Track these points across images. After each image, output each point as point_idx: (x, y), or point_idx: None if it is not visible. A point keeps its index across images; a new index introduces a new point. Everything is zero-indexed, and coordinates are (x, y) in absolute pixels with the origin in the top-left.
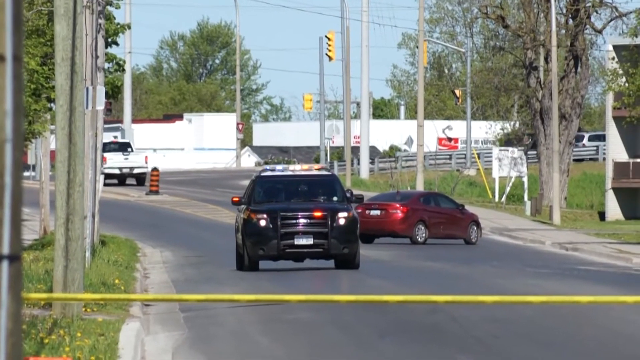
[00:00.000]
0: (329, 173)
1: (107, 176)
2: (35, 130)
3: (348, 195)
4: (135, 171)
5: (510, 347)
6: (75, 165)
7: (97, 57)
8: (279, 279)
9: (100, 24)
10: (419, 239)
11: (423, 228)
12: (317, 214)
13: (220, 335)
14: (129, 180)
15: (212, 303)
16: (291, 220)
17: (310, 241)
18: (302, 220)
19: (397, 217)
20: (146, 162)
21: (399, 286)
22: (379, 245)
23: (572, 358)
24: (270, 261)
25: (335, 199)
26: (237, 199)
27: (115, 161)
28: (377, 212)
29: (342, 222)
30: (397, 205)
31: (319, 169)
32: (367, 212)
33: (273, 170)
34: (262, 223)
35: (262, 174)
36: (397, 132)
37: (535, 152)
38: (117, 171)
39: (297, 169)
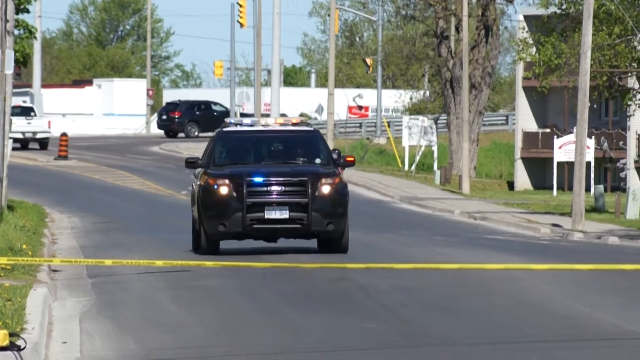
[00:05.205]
0: (311, 128)
1: None
2: None
3: (335, 156)
4: (39, 136)
5: (419, 315)
6: None
7: (6, 21)
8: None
9: None
10: None
11: None
12: (295, 179)
13: (128, 301)
14: (32, 145)
15: (120, 269)
16: (261, 187)
17: (285, 215)
18: (275, 188)
19: None
20: (49, 127)
21: (310, 255)
22: None
23: (480, 326)
24: (235, 240)
25: (318, 160)
26: (192, 161)
27: (18, 125)
28: None
29: (326, 190)
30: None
31: (296, 123)
32: None
33: (239, 124)
34: (223, 191)
35: (225, 128)
36: (308, 100)
37: (445, 121)
38: (20, 135)
39: (270, 122)
